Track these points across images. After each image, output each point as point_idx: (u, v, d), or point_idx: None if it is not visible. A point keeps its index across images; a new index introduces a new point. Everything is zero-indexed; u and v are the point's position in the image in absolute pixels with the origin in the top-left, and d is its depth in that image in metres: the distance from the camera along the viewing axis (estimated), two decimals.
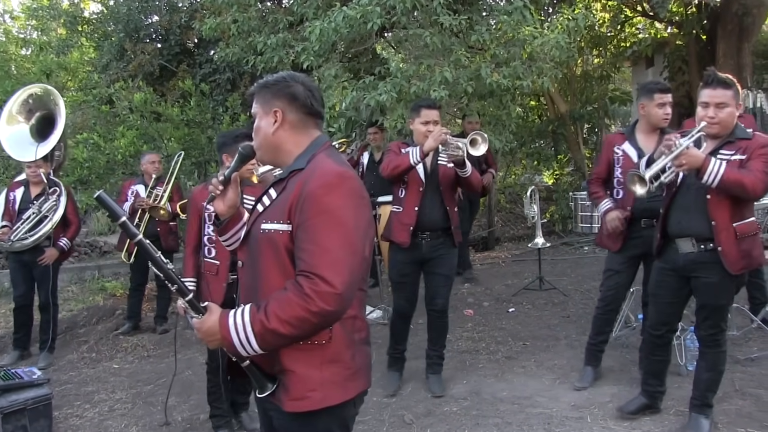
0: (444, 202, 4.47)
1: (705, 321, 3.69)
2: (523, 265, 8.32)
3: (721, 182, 3.37)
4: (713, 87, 3.49)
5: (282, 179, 2.03)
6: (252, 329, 1.86)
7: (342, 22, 6.21)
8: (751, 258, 3.52)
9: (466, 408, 4.31)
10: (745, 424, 3.84)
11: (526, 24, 6.43)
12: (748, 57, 10.15)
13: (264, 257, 1.96)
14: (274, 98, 2.06)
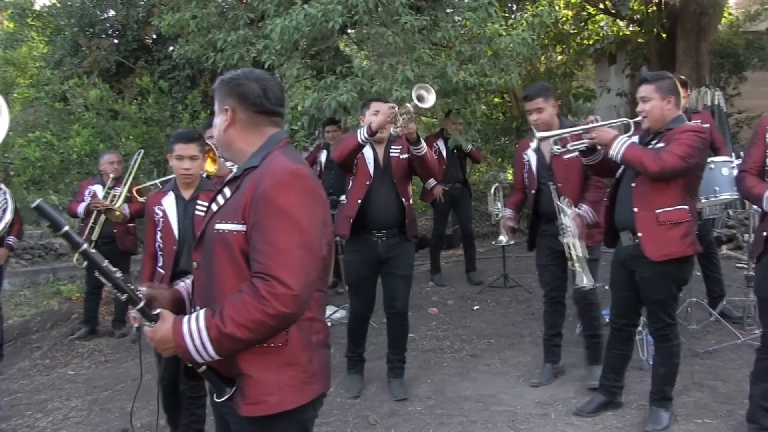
0: (399, 196, 4.43)
1: (650, 316, 3.81)
2: (488, 263, 8.41)
3: (623, 157, 3.57)
4: (640, 84, 3.75)
5: (236, 177, 2.02)
6: (207, 335, 1.83)
7: (303, 21, 6.19)
8: (674, 247, 3.57)
9: (431, 407, 4.35)
10: (702, 415, 3.96)
11: (491, 21, 6.49)
12: (706, 55, 10.40)
13: (218, 258, 1.95)
14: (226, 96, 2.07)
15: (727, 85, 11.71)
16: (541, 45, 9.63)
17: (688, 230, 3.62)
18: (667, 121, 3.67)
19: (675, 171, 3.47)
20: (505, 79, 6.51)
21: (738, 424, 3.79)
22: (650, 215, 3.59)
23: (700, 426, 3.83)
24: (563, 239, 4.17)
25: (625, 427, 3.88)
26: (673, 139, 3.54)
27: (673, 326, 3.77)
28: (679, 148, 3.48)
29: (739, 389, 4.22)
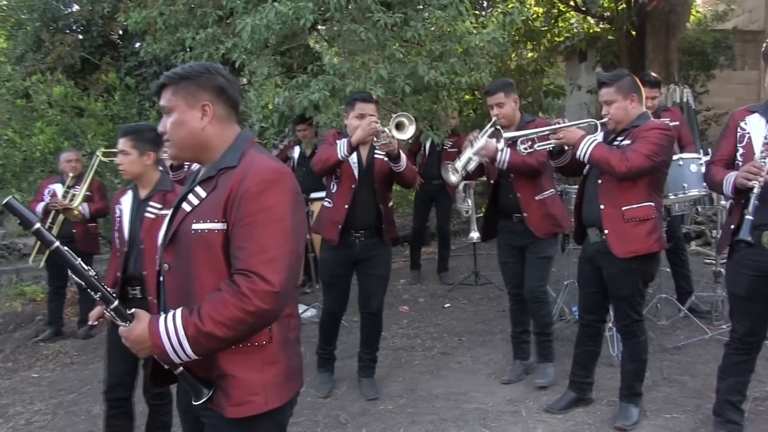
0: (376, 199, 4.41)
1: (617, 312, 3.87)
2: (459, 260, 8.43)
3: (590, 157, 3.63)
4: (600, 87, 3.79)
5: (210, 177, 1.98)
6: (185, 333, 1.82)
7: (274, 18, 6.15)
8: (640, 243, 3.63)
9: (402, 406, 4.35)
10: (671, 409, 4.02)
11: (461, 19, 6.50)
12: (674, 53, 10.52)
13: (197, 258, 1.92)
14: (200, 91, 1.99)
15: (696, 83, 11.85)
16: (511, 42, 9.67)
17: (654, 227, 3.67)
18: (633, 118, 3.72)
19: (641, 170, 3.52)
20: (476, 77, 6.53)
21: (705, 418, 3.85)
22: (616, 212, 3.64)
23: (668, 421, 3.88)
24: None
25: (596, 423, 3.92)
26: (639, 137, 3.59)
27: (640, 322, 3.82)
28: (645, 146, 3.53)
29: (707, 384, 4.28)
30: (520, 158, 4.25)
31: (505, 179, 4.46)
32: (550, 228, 4.44)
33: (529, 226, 4.38)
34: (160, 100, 2.05)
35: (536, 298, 4.47)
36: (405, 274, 7.85)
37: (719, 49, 11.79)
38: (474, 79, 6.54)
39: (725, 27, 13.10)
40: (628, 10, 10.77)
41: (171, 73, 2.02)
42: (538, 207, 4.40)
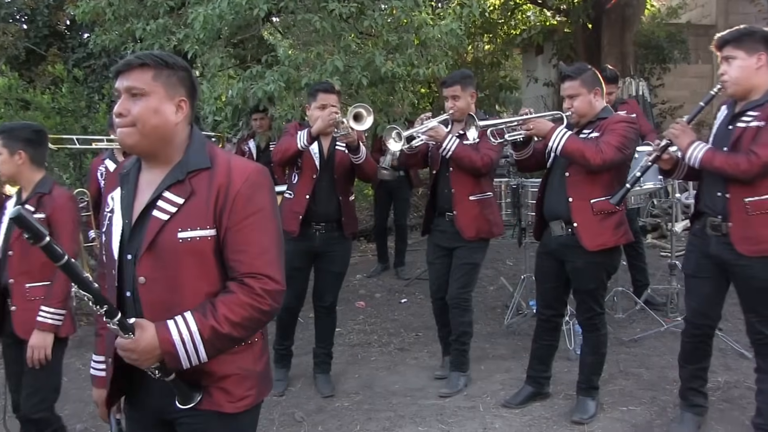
0: (336, 191, 4.38)
1: (580, 306, 3.88)
2: (416, 255, 8.42)
3: (563, 150, 3.62)
4: (563, 81, 3.81)
5: (180, 181, 1.90)
6: (201, 337, 1.80)
7: (227, 8, 6.04)
8: (608, 236, 3.66)
9: (358, 402, 4.32)
10: (627, 402, 4.07)
11: (418, 10, 6.48)
12: (630, 46, 10.70)
13: (185, 268, 1.87)
14: (179, 85, 1.94)
15: (651, 76, 12.07)
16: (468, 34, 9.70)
17: (621, 219, 3.72)
18: (597, 111, 3.74)
19: (614, 162, 3.57)
20: (433, 69, 6.51)
21: (660, 410, 3.92)
22: (585, 205, 3.66)
23: (624, 413, 3.93)
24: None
25: (553, 417, 3.95)
26: (608, 130, 3.62)
27: (602, 315, 3.86)
28: (615, 138, 3.57)
29: (662, 376, 4.36)
30: (467, 152, 4.21)
31: (444, 172, 4.43)
32: (477, 232, 4.34)
33: (457, 225, 4.32)
34: (125, 79, 1.90)
35: (458, 304, 4.40)
36: (361, 269, 7.81)
37: (673, 43, 12.03)
38: (431, 71, 6.52)
39: (679, 21, 13.37)
40: (584, 3, 10.90)
41: (155, 56, 1.92)
42: (470, 207, 4.33)
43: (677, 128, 3.29)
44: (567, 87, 3.75)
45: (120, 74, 1.92)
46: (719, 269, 3.36)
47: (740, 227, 3.18)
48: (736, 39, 3.22)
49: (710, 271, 3.40)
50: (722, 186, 3.24)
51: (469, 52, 11.99)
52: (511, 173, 6.03)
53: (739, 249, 3.18)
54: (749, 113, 3.20)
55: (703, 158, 3.17)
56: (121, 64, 1.92)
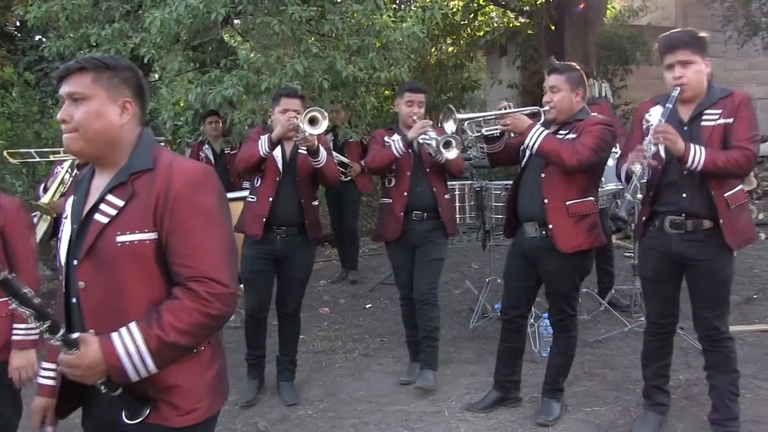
0: (299, 195, 4.41)
1: (552, 306, 3.94)
2: (380, 259, 8.45)
3: (539, 149, 3.67)
4: (549, 74, 3.85)
5: (123, 183, 1.90)
6: (147, 348, 1.77)
7: (184, 12, 6.01)
8: (582, 238, 3.73)
9: (323, 410, 4.34)
10: (591, 403, 4.15)
11: (379, 12, 6.51)
12: (593, 47, 10.87)
13: (125, 272, 1.85)
14: (123, 86, 1.93)
15: (614, 77, 12.27)
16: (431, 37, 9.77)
17: (596, 222, 3.79)
18: (575, 112, 3.81)
19: (589, 164, 3.62)
20: (395, 72, 6.56)
21: (624, 409, 4.00)
22: (561, 207, 3.70)
23: (589, 414, 4.00)
24: None
25: (518, 420, 4.00)
26: (585, 131, 3.67)
27: (574, 317, 3.94)
28: (592, 140, 3.62)
29: (626, 376, 4.45)
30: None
31: (418, 173, 4.52)
32: (453, 226, 4.67)
33: (443, 222, 4.51)
34: (66, 85, 1.90)
35: (426, 300, 4.49)
36: (326, 275, 7.83)
37: (635, 45, 12.25)
38: (393, 75, 6.56)
39: (640, 23, 13.63)
40: (546, 5, 11.06)
41: (94, 59, 1.92)
42: (447, 204, 4.63)
43: (671, 133, 3.23)
44: (552, 79, 3.80)
45: (62, 80, 1.92)
46: (678, 268, 3.45)
47: (729, 223, 3.27)
48: (691, 43, 3.32)
49: (670, 272, 3.48)
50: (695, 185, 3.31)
51: (433, 54, 12.07)
52: (474, 176, 6.09)
53: (731, 242, 3.28)
54: (709, 112, 3.32)
55: (706, 160, 3.20)
56: (61, 69, 1.92)
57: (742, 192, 3.40)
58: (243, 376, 4.78)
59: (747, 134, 3.23)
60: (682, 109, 3.39)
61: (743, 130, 3.24)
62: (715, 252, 3.31)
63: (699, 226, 3.33)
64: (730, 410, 3.42)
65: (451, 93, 11.96)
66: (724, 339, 3.40)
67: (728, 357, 3.41)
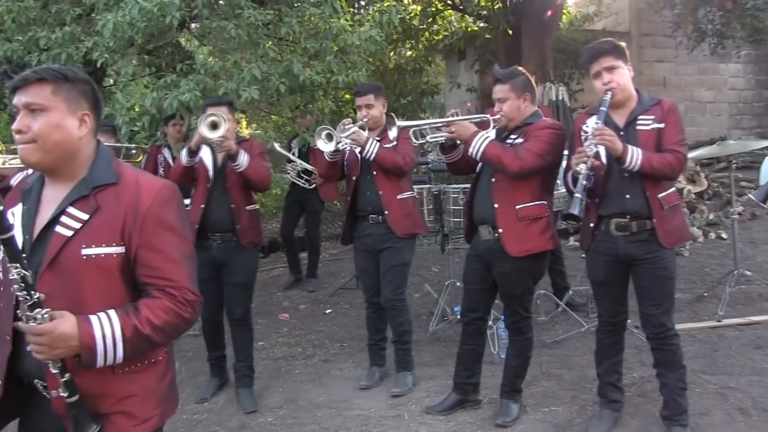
0: (230, 200, 4.44)
1: (507, 309, 4.00)
2: (341, 264, 8.47)
3: (483, 155, 3.72)
4: (494, 84, 3.91)
5: (84, 196, 1.89)
6: (122, 335, 1.81)
7: (138, 15, 5.93)
8: (533, 242, 3.79)
9: (282, 417, 4.33)
10: (549, 403, 4.21)
11: (337, 16, 6.51)
12: (549, 51, 11.01)
13: (89, 284, 1.86)
14: (81, 98, 1.93)
15: (571, 81, 12.44)
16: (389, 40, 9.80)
17: (548, 225, 3.83)
18: (526, 116, 3.86)
19: (533, 169, 3.65)
20: (353, 76, 6.57)
21: (580, 408, 4.08)
22: (510, 211, 3.75)
23: (547, 414, 4.06)
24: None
25: (477, 421, 4.04)
26: (532, 136, 3.72)
27: (529, 319, 3.99)
28: (537, 145, 3.67)
29: (583, 375, 4.53)
30: (389, 154, 4.39)
31: (367, 175, 4.55)
32: (410, 228, 4.56)
33: (389, 225, 4.48)
34: (23, 95, 1.88)
35: (393, 305, 4.57)
36: (285, 282, 7.79)
37: None
38: (351, 78, 6.57)
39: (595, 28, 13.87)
40: (504, 10, 11.17)
41: (53, 71, 1.91)
42: (400, 205, 4.53)
43: (608, 133, 3.34)
44: (497, 90, 3.84)
45: (17, 90, 1.90)
46: (625, 268, 3.56)
47: (662, 222, 3.40)
48: (613, 50, 3.48)
49: (618, 274, 3.60)
50: (635, 187, 3.43)
51: (391, 58, 12.11)
52: (432, 179, 6.13)
53: (663, 242, 3.40)
54: (643, 117, 3.48)
55: (643, 161, 3.32)
56: (18, 80, 1.90)
57: (675, 194, 3.56)
58: (201, 384, 4.77)
59: (677, 138, 3.41)
60: (617, 116, 3.52)
61: (674, 135, 3.41)
62: (659, 250, 3.44)
63: (643, 227, 3.45)
64: (679, 405, 3.54)
65: (410, 97, 12.00)
66: (671, 336, 3.51)
67: (675, 354, 3.53)
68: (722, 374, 4.37)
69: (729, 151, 5.84)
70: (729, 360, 4.60)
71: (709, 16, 9.99)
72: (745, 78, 14.63)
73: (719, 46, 10.26)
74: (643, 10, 13.06)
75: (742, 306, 5.65)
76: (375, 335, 4.78)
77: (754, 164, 9.64)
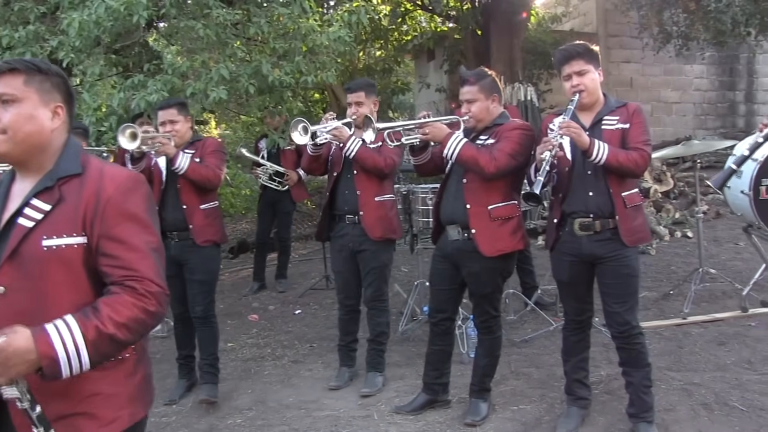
0: (182, 201, 4.47)
1: (476, 308, 4.02)
2: (310, 265, 8.45)
3: (458, 157, 3.73)
4: (462, 85, 3.93)
5: (49, 188, 1.86)
6: (84, 338, 1.70)
7: (105, 14, 5.86)
8: (505, 242, 3.83)
9: (251, 419, 4.31)
10: (518, 401, 4.23)
11: (306, 16, 6.50)
12: (518, 52, 11.10)
13: (51, 277, 1.82)
14: (54, 91, 1.91)
15: (539, 81, 12.55)
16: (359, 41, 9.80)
17: (519, 225, 3.89)
18: (494, 117, 3.89)
19: (507, 169, 3.70)
20: (322, 76, 6.56)
21: (549, 406, 4.10)
22: (483, 211, 3.78)
23: (515, 412, 4.08)
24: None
25: (446, 421, 4.05)
26: (503, 137, 3.76)
27: (498, 318, 4.02)
28: (509, 145, 3.71)
29: (551, 373, 4.56)
30: (371, 154, 4.38)
31: (347, 174, 4.54)
32: (384, 232, 4.53)
33: (363, 226, 4.48)
34: None
35: (374, 306, 4.64)
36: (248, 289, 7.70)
37: None
38: (320, 79, 6.56)
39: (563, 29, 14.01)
40: (473, 10, 11.22)
41: (26, 61, 1.89)
42: (376, 208, 4.51)
43: (574, 126, 3.39)
44: (465, 92, 3.86)
45: None
46: (590, 267, 3.61)
47: (624, 221, 3.46)
48: (585, 54, 3.54)
49: (583, 273, 3.65)
50: (599, 185, 3.49)
51: (361, 58, 12.12)
52: (401, 180, 6.14)
53: (625, 240, 3.45)
54: (608, 118, 3.55)
55: (609, 155, 3.37)
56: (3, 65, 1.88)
57: (638, 195, 3.64)
58: (170, 387, 4.73)
59: (642, 137, 3.48)
60: (583, 117, 3.57)
61: (639, 134, 3.48)
62: (622, 248, 3.49)
63: (606, 226, 3.50)
64: (644, 402, 3.58)
65: (379, 97, 11.97)
66: (636, 335, 3.56)
67: (640, 353, 3.58)
68: (687, 371, 4.44)
69: (694, 151, 5.93)
70: (693, 356, 4.67)
71: (674, 18, 10.13)
72: (709, 79, 14.88)
73: (684, 48, 10.41)
74: (610, 12, 13.21)
75: (707, 303, 5.74)
76: (346, 336, 4.78)
77: (718, 164, 9.79)
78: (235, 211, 13.40)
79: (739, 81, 15.10)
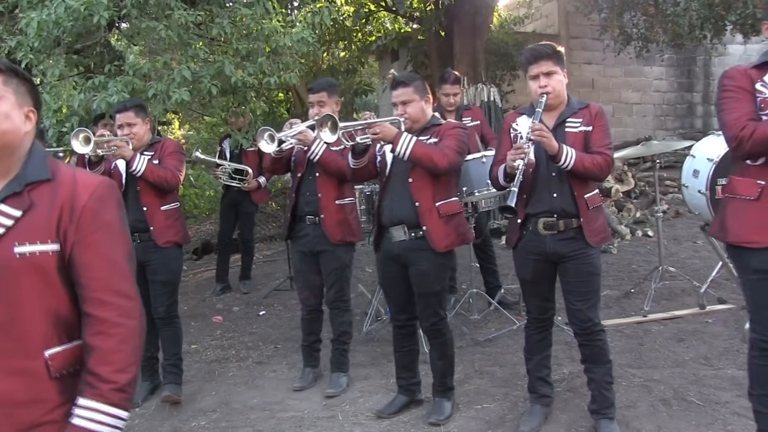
0: (141, 203, 4.49)
1: (425, 310, 4.00)
2: (275, 266, 8.42)
3: (411, 155, 3.76)
4: (395, 88, 3.98)
5: (17, 193, 1.82)
6: (114, 406, 1.76)
7: (64, 14, 5.77)
8: (454, 237, 3.90)
9: (215, 420, 4.28)
10: (482, 400, 4.26)
11: (269, 17, 6.47)
12: (481, 53, 11.18)
13: (23, 284, 1.77)
14: (28, 95, 1.89)
15: (502, 82, 12.63)
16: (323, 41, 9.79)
17: (462, 220, 4.00)
18: (429, 118, 3.97)
19: (457, 165, 3.81)
20: (285, 77, 6.54)
21: (512, 404, 4.14)
22: (432, 208, 3.83)
23: (479, 411, 4.12)
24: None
25: (411, 420, 4.07)
26: (446, 135, 3.83)
27: (445, 320, 4.05)
28: (455, 143, 3.79)
29: (515, 372, 4.60)
30: (334, 157, 4.39)
31: (309, 176, 4.55)
32: (343, 235, 4.55)
33: (323, 229, 4.49)
34: None
35: (337, 306, 4.66)
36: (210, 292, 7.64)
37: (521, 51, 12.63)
38: (283, 80, 6.54)
39: (525, 30, 14.13)
40: (436, 12, 11.27)
41: (7, 62, 1.88)
42: (336, 211, 4.52)
43: (546, 132, 3.43)
44: (401, 93, 3.92)
45: None
46: (553, 266, 3.67)
47: (588, 222, 3.53)
48: (553, 55, 3.59)
49: (546, 272, 3.70)
50: (563, 187, 3.54)
51: (324, 59, 12.10)
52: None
53: (590, 241, 3.52)
54: (572, 120, 3.60)
55: (576, 161, 3.43)
56: None
57: (599, 196, 3.71)
58: None
59: (605, 141, 3.55)
60: (547, 118, 3.61)
61: (601, 138, 3.55)
62: (585, 247, 3.55)
63: (570, 225, 3.56)
64: (606, 399, 3.64)
65: (343, 97, 12.00)
66: (598, 332, 3.62)
67: (602, 350, 3.64)
68: (647, 367, 4.52)
69: (654, 151, 6.03)
70: (653, 353, 4.75)
71: (633, 21, 10.29)
72: (668, 81, 15.12)
73: (644, 50, 10.57)
74: (572, 14, 13.37)
75: (667, 301, 5.84)
76: (309, 336, 4.78)
77: (677, 164, 9.95)
78: (198, 213, 13.31)
79: (696, 83, 15.38)
